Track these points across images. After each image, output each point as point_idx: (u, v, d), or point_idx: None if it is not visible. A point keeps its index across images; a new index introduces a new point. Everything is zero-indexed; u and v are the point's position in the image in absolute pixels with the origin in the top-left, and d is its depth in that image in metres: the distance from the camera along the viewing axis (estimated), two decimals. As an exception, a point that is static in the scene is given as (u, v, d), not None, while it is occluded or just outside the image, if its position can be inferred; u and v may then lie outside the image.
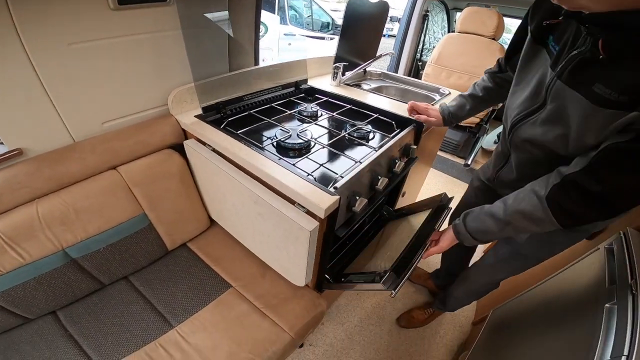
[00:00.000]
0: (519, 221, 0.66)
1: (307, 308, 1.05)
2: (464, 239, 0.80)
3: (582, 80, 0.53)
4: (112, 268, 1.01)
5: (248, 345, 0.93)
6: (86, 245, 0.93)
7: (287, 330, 0.99)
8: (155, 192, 1.04)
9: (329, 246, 0.99)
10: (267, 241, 1.02)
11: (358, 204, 0.93)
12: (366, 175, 0.98)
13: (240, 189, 0.93)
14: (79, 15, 0.83)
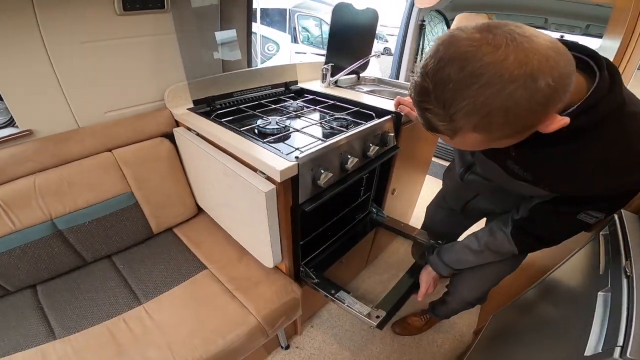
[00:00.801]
0: (490, 251, 0.80)
1: (279, 293, 0.99)
2: (441, 269, 0.92)
3: (498, 155, 0.64)
4: (95, 244, 1.03)
5: (212, 325, 0.87)
6: (73, 218, 0.97)
7: (253, 313, 0.92)
8: (144, 173, 1.08)
9: (297, 222, 0.95)
10: (238, 217, 1.00)
11: (323, 177, 0.90)
12: (334, 153, 0.95)
13: (214, 163, 0.95)
14: (90, 19, 0.97)
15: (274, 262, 0.97)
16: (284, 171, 0.79)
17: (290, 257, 1.05)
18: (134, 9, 0.99)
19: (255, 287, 1.00)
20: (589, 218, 0.60)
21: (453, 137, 0.45)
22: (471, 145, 0.47)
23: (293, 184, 0.88)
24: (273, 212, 0.84)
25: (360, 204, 1.45)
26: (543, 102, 0.38)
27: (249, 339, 0.89)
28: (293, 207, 0.92)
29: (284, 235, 0.96)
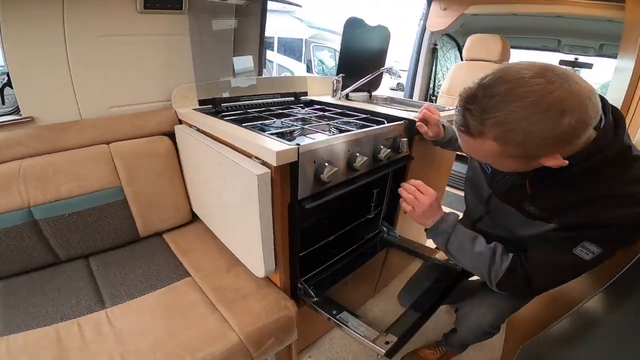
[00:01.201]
0: (482, 263, 0.72)
1: (269, 308, 0.81)
2: (440, 232, 0.77)
3: (514, 198, 0.69)
4: (72, 241, 0.92)
5: (181, 338, 0.71)
6: (53, 208, 0.88)
7: (235, 329, 0.75)
8: (137, 169, 1.01)
9: (295, 224, 0.81)
10: (230, 216, 0.88)
11: (327, 172, 0.79)
12: (341, 148, 0.86)
13: (210, 154, 0.88)
14: (112, 13, 0.99)
15: (266, 270, 0.81)
16: (281, 154, 0.69)
17: (286, 268, 0.89)
18: (154, 8, 1.02)
19: (243, 299, 0.83)
20: (586, 253, 0.58)
21: (475, 138, 0.52)
22: (484, 154, 0.55)
23: (292, 176, 0.77)
24: (266, 203, 0.72)
25: (370, 221, 1.29)
26: (559, 137, 0.47)
27: (228, 356, 0.71)
28: (291, 205, 0.80)
29: (280, 238, 0.82)
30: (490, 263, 0.70)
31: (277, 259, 0.85)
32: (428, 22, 2.02)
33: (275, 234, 0.81)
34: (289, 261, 0.89)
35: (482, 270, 0.72)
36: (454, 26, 2.03)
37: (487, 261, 0.70)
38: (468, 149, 0.58)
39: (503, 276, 0.68)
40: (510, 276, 0.67)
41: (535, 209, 0.65)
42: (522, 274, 0.66)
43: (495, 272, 0.70)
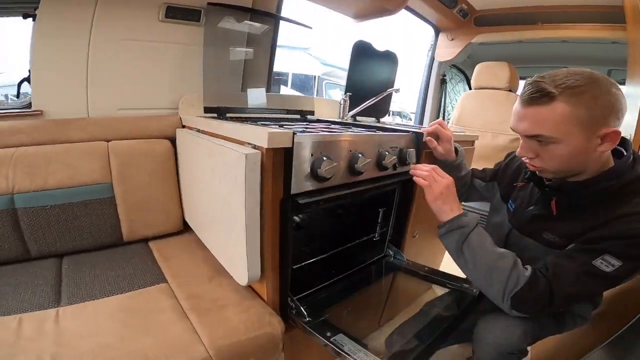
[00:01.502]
0: (503, 266, 0.64)
1: (250, 323, 0.68)
2: (462, 224, 0.70)
3: (535, 229, 0.70)
4: (48, 237, 0.84)
5: (133, 346, 0.57)
6: (36, 197, 0.83)
7: (205, 342, 0.61)
8: (131, 167, 0.97)
9: (287, 225, 0.71)
10: (217, 215, 0.79)
11: (325, 166, 0.71)
12: (341, 146, 0.79)
13: (203, 146, 0.84)
14: (136, 20, 1.06)
15: (250, 276, 0.69)
16: (274, 135, 0.64)
17: (275, 278, 0.76)
18: (175, 18, 1.09)
19: (220, 310, 0.70)
20: (606, 265, 0.56)
21: (546, 104, 0.55)
22: (554, 121, 0.56)
23: (286, 165, 0.70)
24: (253, 190, 0.64)
25: (375, 244, 1.17)
26: (614, 108, 0.55)
27: None
28: (283, 200, 0.71)
29: (269, 240, 0.72)
30: (513, 268, 0.62)
31: (264, 265, 0.73)
32: (436, 53, 2.09)
33: (263, 233, 0.71)
34: (279, 270, 0.77)
35: (500, 276, 0.62)
36: (461, 56, 2.08)
37: (510, 265, 0.63)
38: (531, 120, 0.58)
39: (526, 283, 0.61)
40: (533, 284, 0.60)
41: (555, 237, 0.65)
42: (544, 282, 0.60)
43: (516, 278, 0.61)
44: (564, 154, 0.57)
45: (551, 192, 0.66)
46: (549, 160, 0.60)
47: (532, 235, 0.70)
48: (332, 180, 0.78)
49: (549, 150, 0.58)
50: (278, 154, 0.68)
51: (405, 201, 1.15)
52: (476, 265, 0.66)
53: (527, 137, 0.60)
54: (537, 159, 0.61)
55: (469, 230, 0.68)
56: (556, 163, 0.59)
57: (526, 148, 0.62)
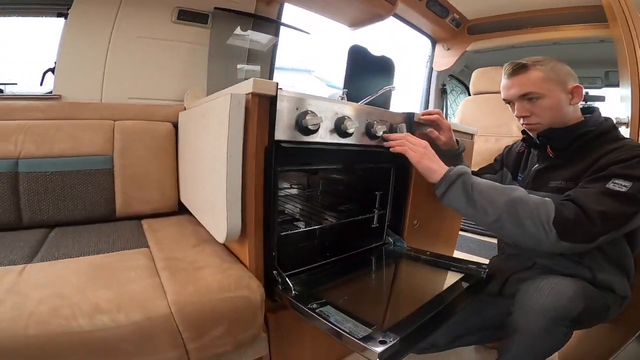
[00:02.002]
0: (522, 199, 0.60)
1: (224, 283, 0.58)
2: (459, 172, 0.66)
3: (540, 183, 0.71)
4: (42, 204, 0.81)
5: (87, 296, 0.49)
6: (38, 163, 0.82)
7: (168, 298, 0.52)
8: (133, 142, 0.96)
9: (272, 178, 0.65)
10: (203, 174, 0.74)
11: (310, 119, 0.67)
12: (327, 108, 0.73)
13: (198, 111, 0.81)
14: (152, 20, 1.13)
15: (228, 229, 0.61)
16: (259, 82, 0.60)
17: (258, 239, 0.67)
18: (186, 20, 1.16)
19: (196, 270, 0.61)
20: (619, 187, 0.56)
21: (524, 73, 0.69)
22: (532, 80, 0.68)
23: (270, 113, 0.64)
24: (237, 133, 0.59)
25: (372, 230, 1.06)
26: (570, 73, 0.69)
27: (140, 338, 0.46)
28: (267, 148, 0.66)
29: (251, 193, 0.64)
30: (529, 195, 0.60)
31: (246, 222, 0.65)
32: (434, 63, 2.11)
33: (245, 185, 0.63)
34: (263, 231, 0.68)
35: (526, 208, 0.58)
36: (458, 64, 2.08)
37: (525, 193, 0.61)
38: (517, 85, 0.69)
39: (557, 208, 0.56)
40: (563, 207, 0.57)
41: (561, 182, 0.66)
42: (571, 205, 0.57)
43: (543, 204, 0.57)
44: (551, 106, 0.67)
45: (544, 140, 0.71)
46: (541, 113, 0.68)
47: (540, 188, 0.69)
48: (318, 136, 0.73)
49: (539, 105, 0.67)
50: (263, 102, 0.63)
51: (402, 185, 1.06)
52: (496, 207, 0.59)
53: (519, 99, 0.70)
54: (533, 117, 0.69)
55: (469, 175, 0.64)
56: (547, 115, 0.68)
57: (520, 109, 0.70)
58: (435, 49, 2.07)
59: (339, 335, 0.53)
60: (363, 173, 1.06)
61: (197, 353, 0.51)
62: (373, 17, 1.45)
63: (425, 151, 0.72)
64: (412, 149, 0.73)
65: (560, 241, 0.55)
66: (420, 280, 0.85)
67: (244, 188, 0.64)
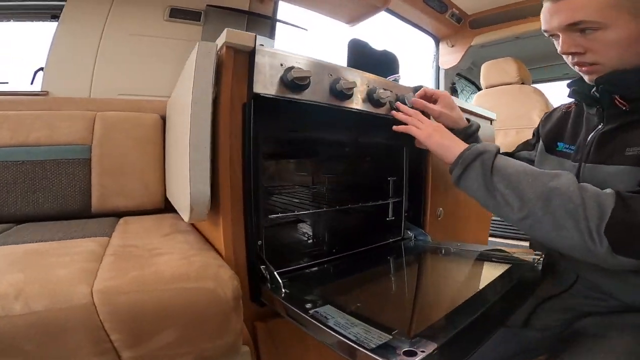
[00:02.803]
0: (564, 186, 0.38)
1: (181, 272, 0.42)
2: (480, 151, 0.46)
3: (610, 153, 0.43)
4: (10, 196, 0.71)
5: None
6: (11, 152, 0.75)
7: (93, 285, 0.36)
8: (116, 131, 0.87)
9: (250, 141, 0.51)
10: (178, 149, 0.60)
11: (296, 70, 0.53)
12: (319, 68, 0.60)
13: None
14: (144, 18, 1.09)
15: (192, 195, 0.46)
16: (234, 34, 0.50)
17: (236, 224, 0.52)
18: (178, 17, 1.12)
19: (151, 257, 0.46)
20: None
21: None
22: (593, 3, 0.40)
23: (249, 66, 0.52)
24: (204, 82, 0.47)
25: (388, 224, 0.87)
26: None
27: (42, 335, 0.30)
28: (246, 104, 0.52)
29: (225, 159, 0.50)
30: (580, 187, 0.37)
31: (219, 193, 0.50)
32: (440, 61, 2.00)
33: (217, 145, 0.50)
34: (243, 210, 0.52)
35: (568, 204, 0.36)
36: (465, 61, 1.96)
37: (573, 183, 0.38)
38: (570, 10, 0.41)
39: (617, 206, 0.34)
40: (628, 203, 0.34)
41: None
42: None
43: (597, 200, 0.35)
44: (619, 40, 0.40)
45: (608, 88, 0.43)
46: (604, 50, 0.41)
47: (610, 159, 0.43)
48: (309, 95, 0.58)
49: (598, 39, 0.41)
50: (240, 56, 0.52)
51: (418, 167, 0.88)
52: (524, 200, 0.39)
53: (567, 29, 0.42)
54: (588, 54, 0.42)
55: (492, 155, 0.44)
56: (613, 52, 0.41)
57: (569, 43, 0.43)
58: (440, 48, 1.98)
59: (340, 345, 0.34)
60: (372, 157, 0.90)
61: (125, 354, 0.34)
62: (368, 10, 1.37)
63: (435, 126, 0.55)
64: (418, 126, 0.57)
65: (614, 254, 0.34)
66: (453, 277, 0.64)
67: (216, 152, 0.50)
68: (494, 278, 0.54)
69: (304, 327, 0.42)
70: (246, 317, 0.51)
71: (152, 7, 1.09)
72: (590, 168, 0.44)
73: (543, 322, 0.49)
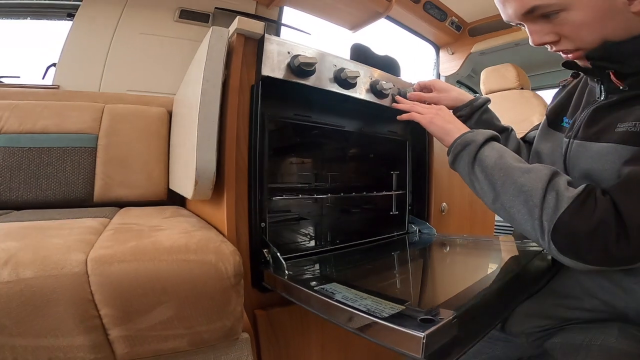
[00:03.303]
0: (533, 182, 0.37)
1: (181, 244, 0.39)
2: (474, 137, 0.45)
3: (601, 128, 0.40)
4: (13, 182, 0.71)
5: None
6: (18, 138, 0.74)
7: (88, 253, 0.34)
8: (123, 122, 0.86)
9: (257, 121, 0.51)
10: (184, 135, 0.60)
11: (302, 57, 0.54)
12: (326, 59, 0.60)
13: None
14: (155, 18, 1.12)
15: (198, 168, 0.45)
16: (245, 21, 0.51)
17: (240, 202, 0.50)
18: (187, 19, 1.14)
19: (151, 231, 0.43)
20: None
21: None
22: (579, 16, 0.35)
23: (258, 52, 0.53)
24: (215, 65, 0.48)
25: (392, 218, 0.85)
26: None
27: (25, 307, 0.28)
28: (254, 86, 0.52)
29: (231, 134, 0.50)
30: (548, 182, 0.35)
31: (224, 170, 0.49)
32: (441, 69, 2.01)
33: (225, 124, 0.49)
34: (247, 189, 0.51)
35: (531, 199, 0.35)
36: (465, 68, 1.97)
37: (543, 179, 0.36)
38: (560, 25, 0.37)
39: (572, 204, 0.33)
40: (585, 203, 0.32)
41: (633, 122, 0.35)
42: (605, 200, 0.32)
43: (555, 197, 0.34)
44: (587, 19, 0.36)
45: (601, 64, 0.40)
46: (576, 33, 0.38)
47: (599, 136, 0.40)
48: (314, 81, 0.58)
49: (565, 22, 0.37)
50: (250, 43, 0.53)
51: (421, 161, 0.87)
52: (496, 190, 0.39)
53: (526, 18, 0.39)
54: (564, 41, 0.39)
55: (477, 146, 0.43)
56: (587, 33, 0.37)
57: (538, 32, 0.40)
58: (440, 55, 2.01)
59: (349, 319, 0.32)
60: (376, 151, 0.89)
61: (124, 345, 0.31)
62: (371, 15, 1.40)
63: (438, 112, 0.53)
64: (420, 112, 0.55)
65: (559, 253, 0.33)
66: (462, 262, 0.61)
67: (223, 131, 0.50)
68: (508, 259, 0.51)
69: (308, 305, 0.39)
70: (247, 305, 0.48)
71: (163, 8, 1.12)
72: (577, 145, 0.42)
73: (520, 329, 0.45)
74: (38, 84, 0.96)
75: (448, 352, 0.27)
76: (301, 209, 0.85)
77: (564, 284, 0.42)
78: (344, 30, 1.49)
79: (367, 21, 1.42)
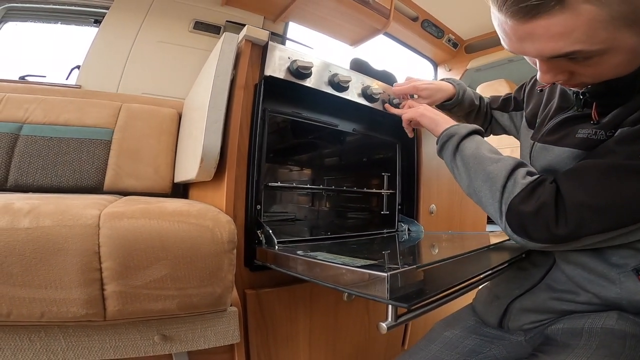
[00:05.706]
0: (499, 171, 0.42)
1: (182, 210, 0.44)
2: (459, 129, 0.49)
3: (563, 135, 0.44)
4: (32, 166, 0.77)
5: (4, 200, 0.38)
6: (41, 129, 0.82)
7: (103, 211, 0.39)
8: (137, 119, 0.94)
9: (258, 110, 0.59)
10: (193, 132, 0.67)
11: (300, 61, 0.62)
12: (321, 66, 0.68)
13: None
14: (172, 28, 1.23)
15: (205, 146, 0.51)
16: (252, 30, 0.61)
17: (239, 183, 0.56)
18: (201, 30, 1.25)
19: (155, 202, 0.49)
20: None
21: (560, 13, 0.30)
22: (581, 28, 0.31)
23: (262, 55, 0.62)
24: (226, 64, 0.56)
25: (383, 218, 0.90)
26: None
27: (34, 255, 0.33)
28: (257, 84, 0.60)
29: (235, 125, 0.56)
30: (511, 171, 0.40)
31: (226, 154, 0.55)
32: (439, 85, 2.11)
33: (230, 116, 0.56)
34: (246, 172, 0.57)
35: (494, 185, 0.40)
36: (465, 82, 2.06)
37: (507, 167, 0.40)
38: (552, 37, 0.32)
39: (524, 189, 0.38)
40: (535, 188, 0.37)
41: (595, 129, 0.39)
42: (551, 186, 0.36)
43: (513, 183, 0.39)
44: (622, 62, 0.34)
45: (590, 98, 0.41)
46: (599, 73, 0.36)
47: (561, 141, 0.43)
48: (310, 83, 0.66)
49: (594, 65, 0.34)
50: (256, 47, 0.62)
51: (410, 164, 0.92)
52: (470, 177, 0.44)
53: (550, 59, 0.36)
54: (575, 77, 0.37)
55: (460, 138, 0.48)
56: (611, 74, 0.36)
57: (552, 71, 0.37)
58: (438, 72, 2.12)
59: (327, 272, 0.37)
60: (368, 152, 0.95)
61: (117, 301, 0.35)
62: (370, 32, 1.52)
63: (427, 106, 0.59)
64: (411, 107, 0.62)
65: (507, 227, 0.38)
66: (446, 246, 0.65)
67: (228, 121, 0.57)
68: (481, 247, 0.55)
69: (295, 270, 0.43)
70: (238, 283, 0.53)
71: (180, 19, 1.23)
72: (540, 148, 0.46)
73: (517, 324, 0.47)
74: (61, 84, 1.06)
75: (413, 298, 0.31)
76: (296, 207, 0.90)
77: (557, 279, 0.44)
78: (346, 47, 1.61)
79: (367, 37, 1.54)
